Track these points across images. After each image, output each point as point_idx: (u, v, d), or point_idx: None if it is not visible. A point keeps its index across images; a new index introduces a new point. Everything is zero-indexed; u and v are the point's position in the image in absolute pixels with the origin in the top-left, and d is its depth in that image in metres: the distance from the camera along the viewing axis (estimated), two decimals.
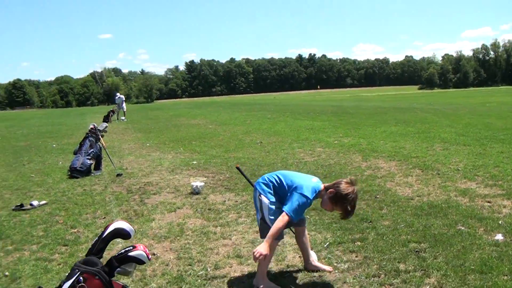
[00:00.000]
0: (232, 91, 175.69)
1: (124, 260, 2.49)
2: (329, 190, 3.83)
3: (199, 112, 36.92)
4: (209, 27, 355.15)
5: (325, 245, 4.90)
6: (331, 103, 43.27)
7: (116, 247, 4.83)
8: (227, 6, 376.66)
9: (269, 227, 3.86)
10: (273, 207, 3.95)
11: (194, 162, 10.94)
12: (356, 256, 4.58)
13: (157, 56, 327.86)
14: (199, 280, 4.15)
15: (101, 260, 2.49)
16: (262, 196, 4.01)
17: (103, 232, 2.56)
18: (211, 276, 4.23)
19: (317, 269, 4.27)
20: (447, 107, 29.10)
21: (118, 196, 7.78)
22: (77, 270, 2.38)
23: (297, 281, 4.06)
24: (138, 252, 2.52)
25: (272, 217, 3.90)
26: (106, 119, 26.21)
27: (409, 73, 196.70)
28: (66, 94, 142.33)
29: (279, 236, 3.92)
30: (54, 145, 16.75)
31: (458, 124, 16.94)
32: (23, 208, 7.19)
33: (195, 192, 7.70)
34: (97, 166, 10.43)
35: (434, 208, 6.13)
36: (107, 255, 2.66)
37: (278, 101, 60.37)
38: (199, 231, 5.63)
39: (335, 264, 4.39)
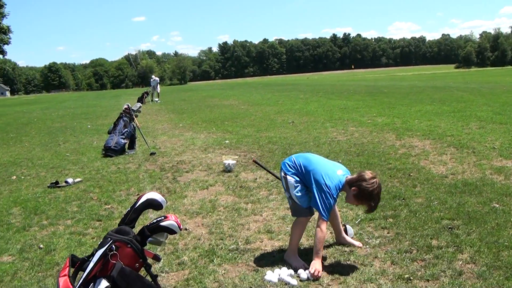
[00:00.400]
0: (264, 72, 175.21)
1: (156, 229, 2.53)
2: (353, 188, 3.74)
3: (232, 93, 36.98)
4: (242, 8, 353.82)
5: (356, 221, 4.87)
6: (365, 83, 42.69)
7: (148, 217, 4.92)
8: None
9: (298, 204, 3.95)
10: (299, 185, 3.98)
11: (227, 142, 10.99)
12: (388, 232, 4.55)
13: (190, 38, 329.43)
14: (230, 254, 4.19)
15: (133, 230, 2.54)
16: (287, 175, 4.04)
17: (135, 203, 2.60)
18: (242, 250, 4.27)
19: (347, 244, 4.27)
20: (484, 86, 28.35)
21: (152, 174, 7.89)
22: (109, 239, 2.43)
23: (328, 256, 4.06)
24: (170, 222, 2.56)
25: (299, 194, 3.94)
26: (140, 100, 26.60)
27: (446, 51, 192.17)
28: (101, 76, 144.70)
29: (306, 212, 3.99)
30: (89, 126, 17.07)
31: (495, 103, 16.50)
32: (58, 185, 7.37)
33: (227, 170, 7.75)
34: (131, 146, 10.60)
35: (469, 186, 6.02)
36: (139, 226, 2.70)
37: (311, 81, 59.91)
38: (231, 207, 5.68)
39: (366, 240, 4.37)
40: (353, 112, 16.14)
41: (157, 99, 31.11)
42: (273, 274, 3.64)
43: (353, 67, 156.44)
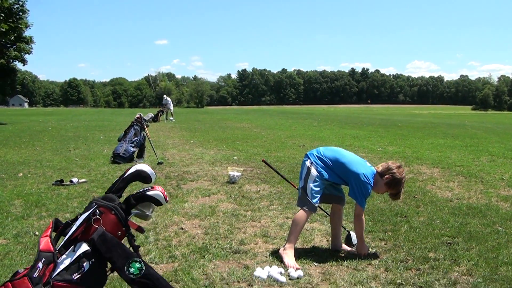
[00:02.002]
0: (281, 102, 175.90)
1: (141, 198, 2.50)
2: (386, 176, 4.03)
3: (246, 117, 37.10)
4: (262, 37, 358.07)
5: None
6: (380, 117, 42.63)
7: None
8: (282, 18, 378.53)
9: (307, 197, 4.04)
10: (319, 180, 4.07)
11: (235, 158, 10.98)
12: (385, 244, 4.47)
13: (210, 64, 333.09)
14: (223, 252, 4.15)
15: (119, 199, 2.52)
16: (312, 166, 4.12)
17: (124, 173, 2.59)
18: (235, 250, 4.22)
19: (342, 250, 4.22)
20: (499, 126, 28.16)
21: (156, 181, 7.87)
22: (94, 204, 2.42)
23: (322, 260, 3.99)
24: (156, 192, 2.54)
25: (315, 188, 4.05)
26: (155, 118, 26.77)
27: (464, 92, 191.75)
28: (120, 95, 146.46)
29: (312, 207, 4.06)
30: (102, 137, 17.18)
31: (508, 142, 16.31)
32: (63, 183, 7.40)
33: (232, 181, 7.72)
34: (140, 154, 10.63)
35: (473, 209, 5.93)
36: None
37: (326, 112, 59.99)
38: (230, 213, 5.64)
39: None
40: (365, 140, 16.08)
41: (172, 118, 31.29)
42: (262, 271, 3.58)
43: (369, 101, 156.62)
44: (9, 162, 10.09)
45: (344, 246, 4.32)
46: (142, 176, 2.57)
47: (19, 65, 31.68)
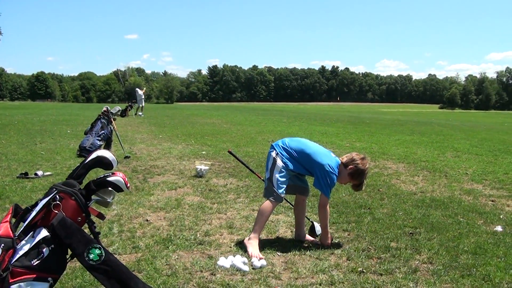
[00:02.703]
0: (252, 98, 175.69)
1: (102, 184, 2.48)
2: (349, 167, 4.12)
3: (216, 113, 37.00)
4: (233, 34, 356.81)
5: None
6: (348, 114, 43.10)
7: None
8: (253, 14, 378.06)
9: (274, 188, 4.08)
10: (285, 171, 4.12)
11: (203, 152, 10.95)
12: (349, 234, 4.54)
13: (181, 60, 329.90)
14: (187, 242, 4.15)
15: (80, 186, 2.49)
16: (278, 157, 4.16)
17: (85, 159, 2.56)
18: (200, 241, 4.22)
19: (306, 240, 4.27)
20: (465, 124, 28.84)
21: (120, 171, 7.79)
22: (54, 189, 2.38)
23: (285, 250, 4.02)
24: (117, 178, 2.51)
25: (281, 179, 4.10)
26: (124, 113, 26.47)
27: (431, 91, 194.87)
28: (88, 90, 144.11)
29: (278, 198, 4.11)
30: (69, 131, 16.89)
31: (473, 138, 16.73)
32: (28, 176, 7.26)
33: (199, 175, 7.71)
34: (107, 148, 10.49)
35: (436, 201, 6.07)
36: None
37: (296, 109, 60.29)
38: (196, 205, 5.63)
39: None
40: (333, 136, 16.24)
41: (140, 113, 30.97)
42: (225, 260, 3.60)
43: (339, 99, 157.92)
44: None
45: (308, 237, 4.37)
46: (103, 163, 2.54)
47: None
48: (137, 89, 34.29)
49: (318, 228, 4.42)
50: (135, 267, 3.51)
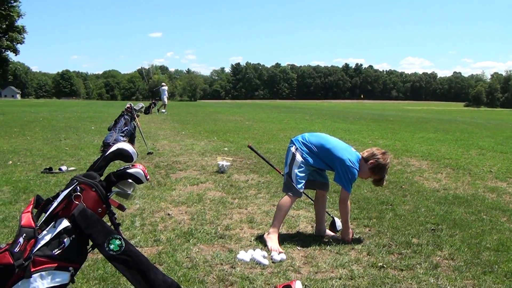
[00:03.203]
0: (274, 96, 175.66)
1: (122, 176, 2.50)
2: (370, 161, 4.10)
3: (239, 110, 37.06)
4: (256, 32, 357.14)
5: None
6: (372, 112, 42.74)
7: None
8: (276, 12, 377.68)
9: (292, 183, 4.07)
10: (304, 166, 4.11)
11: (225, 149, 10.99)
12: (369, 230, 4.52)
13: (204, 58, 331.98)
14: (208, 236, 4.17)
15: (101, 178, 2.53)
16: (298, 152, 4.15)
17: (106, 152, 2.59)
18: (220, 235, 4.24)
19: (327, 236, 4.26)
20: (490, 122, 28.35)
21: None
22: (75, 181, 2.41)
23: (305, 244, 4.01)
24: (136, 170, 2.54)
25: (300, 174, 4.09)
26: (147, 110, 26.70)
27: (456, 89, 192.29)
28: (112, 88, 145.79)
29: (297, 193, 4.09)
30: (93, 127, 17.13)
31: (498, 136, 16.44)
32: (52, 171, 7.38)
33: (221, 171, 7.74)
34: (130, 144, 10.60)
35: (459, 199, 5.98)
36: None
37: (319, 107, 60.08)
38: (217, 201, 5.66)
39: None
40: (356, 133, 16.13)
41: (164, 110, 31.20)
42: (245, 254, 3.61)
43: (362, 96, 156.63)
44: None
45: (328, 232, 4.36)
46: (123, 155, 2.57)
47: (11, 55, 31.42)
48: (162, 83, 34.52)
49: (339, 223, 4.41)
50: (156, 260, 3.54)
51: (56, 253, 2.29)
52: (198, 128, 17.50)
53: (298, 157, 4.11)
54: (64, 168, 7.58)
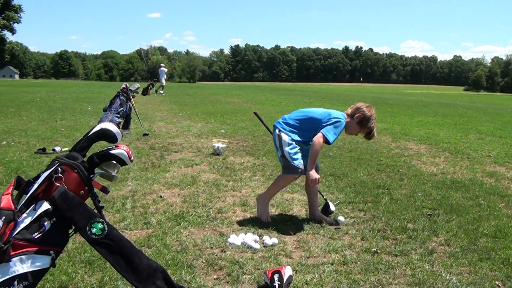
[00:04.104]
0: (274, 78, 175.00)
1: (105, 157, 2.41)
2: (356, 115, 4.14)
3: (237, 92, 36.86)
4: (256, 13, 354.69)
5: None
6: (371, 95, 42.55)
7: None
8: None
9: (289, 162, 4.03)
10: (293, 142, 4.08)
11: (222, 131, 10.89)
12: (364, 214, 4.44)
13: (203, 39, 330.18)
14: (199, 219, 4.09)
15: (84, 159, 2.43)
16: (282, 133, 4.12)
17: (88, 131, 2.49)
18: (212, 217, 4.17)
19: (319, 219, 4.18)
20: (489, 106, 28.24)
21: (140, 151, 7.79)
22: (56, 162, 2.33)
23: (298, 229, 3.94)
24: (120, 151, 2.43)
25: (292, 150, 4.05)
26: (145, 91, 26.53)
27: (456, 73, 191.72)
28: (111, 68, 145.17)
29: (295, 170, 4.04)
30: (89, 108, 17.00)
31: (498, 121, 16.36)
32: (46, 152, 7.29)
33: (216, 153, 7.65)
34: (126, 125, 10.50)
35: (457, 183, 5.91)
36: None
37: (318, 89, 59.85)
38: (211, 183, 5.57)
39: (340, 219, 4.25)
40: None
41: (162, 91, 31.02)
42: (236, 238, 3.54)
43: (362, 80, 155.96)
44: None
45: (321, 215, 4.27)
46: (107, 135, 2.46)
47: (7, 35, 31.16)
48: (162, 65, 34.25)
49: (331, 207, 4.33)
50: (145, 243, 3.47)
51: (36, 237, 2.21)
52: (195, 110, 17.38)
53: (284, 137, 4.08)
54: (58, 148, 7.49)
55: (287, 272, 2.76)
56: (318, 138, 3.93)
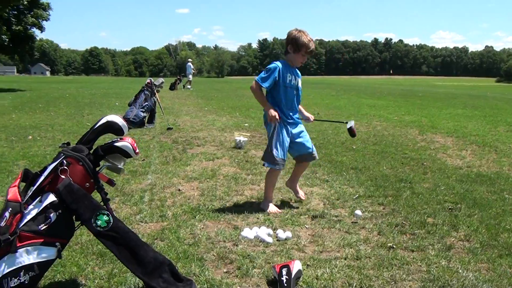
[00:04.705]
0: (302, 72, 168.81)
1: (109, 149, 2.41)
2: (288, 46, 4.36)
3: None
4: (284, 6, 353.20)
5: (354, 197, 4.68)
6: (401, 87, 41.93)
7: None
8: None
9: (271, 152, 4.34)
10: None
11: (246, 125, 10.88)
12: (384, 209, 4.35)
13: (231, 33, 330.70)
14: (215, 213, 4.08)
15: (90, 151, 2.44)
16: (267, 126, 4.64)
17: (95, 124, 2.49)
18: (228, 211, 4.13)
19: (295, 191, 4.55)
20: None
21: (163, 145, 7.83)
22: (62, 154, 2.34)
23: (314, 222, 3.88)
24: (124, 143, 2.43)
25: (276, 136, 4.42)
26: (172, 86, 26.72)
27: (488, 64, 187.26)
28: (140, 64, 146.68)
29: (279, 164, 4.28)
30: (117, 103, 17.19)
31: None
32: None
33: (238, 146, 7.64)
34: (151, 120, 10.58)
35: (482, 177, 5.76)
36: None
37: (346, 82, 59.27)
38: (230, 176, 5.55)
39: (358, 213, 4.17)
40: (382, 109, 15.80)
41: (189, 86, 31.19)
42: (250, 231, 3.50)
43: (391, 72, 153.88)
44: (22, 126, 10.14)
45: (297, 188, 4.58)
46: (113, 128, 2.47)
47: (36, 32, 31.65)
48: (189, 60, 34.40)
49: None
50: (158, 236, 3.47)
51: (42, 228, 2.23)
52: (221, 104, 17.41)
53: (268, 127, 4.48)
54: None
55: (296, 266, 2.71)
56: (252, 84, 4.32)
